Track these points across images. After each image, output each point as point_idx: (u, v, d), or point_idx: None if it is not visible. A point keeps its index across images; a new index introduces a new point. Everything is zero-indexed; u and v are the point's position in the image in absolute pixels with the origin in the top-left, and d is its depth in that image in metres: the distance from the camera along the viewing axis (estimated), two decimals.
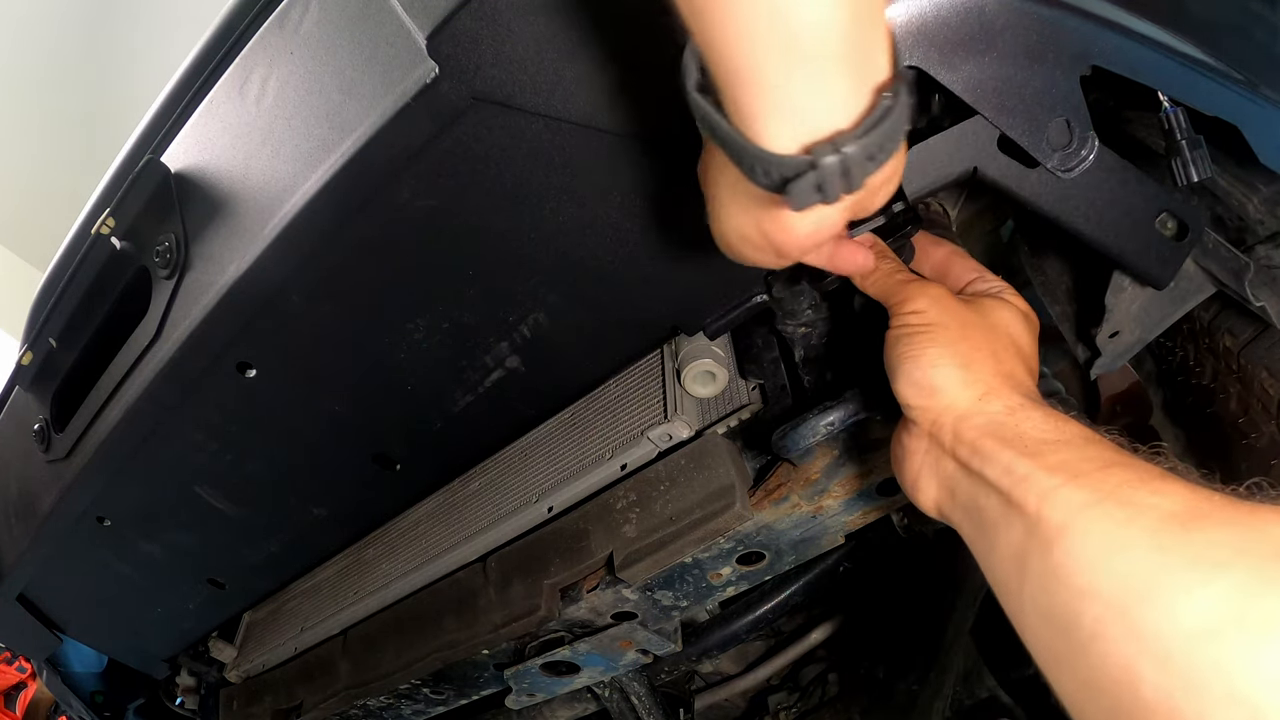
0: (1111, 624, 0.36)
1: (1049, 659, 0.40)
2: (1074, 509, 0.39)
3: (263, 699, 1.19)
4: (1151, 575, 0.35)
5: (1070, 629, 0.38)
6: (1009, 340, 0.53)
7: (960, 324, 0.52)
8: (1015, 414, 0.46)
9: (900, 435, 0.53)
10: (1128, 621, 0.35)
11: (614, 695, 1.04)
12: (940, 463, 0.49)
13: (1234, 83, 0.54)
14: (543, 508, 0.90)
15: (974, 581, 1.00)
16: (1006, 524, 0.42)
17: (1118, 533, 0.37)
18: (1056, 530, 0.39)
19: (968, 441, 0.46)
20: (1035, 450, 0.43)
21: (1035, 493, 0.41)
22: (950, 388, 0.49)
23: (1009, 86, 0.54)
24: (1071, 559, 0.38)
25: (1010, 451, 0.43)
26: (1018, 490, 0.42)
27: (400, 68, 0.57)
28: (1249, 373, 0.70)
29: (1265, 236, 0.62)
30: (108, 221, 0.79)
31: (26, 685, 2.95)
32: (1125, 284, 0.67)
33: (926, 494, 0.50)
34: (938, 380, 0.49)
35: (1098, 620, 0.36)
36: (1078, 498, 0.39)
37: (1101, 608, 0.36)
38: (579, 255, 0.68)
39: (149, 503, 1.02)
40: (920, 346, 0.51)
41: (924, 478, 0.50)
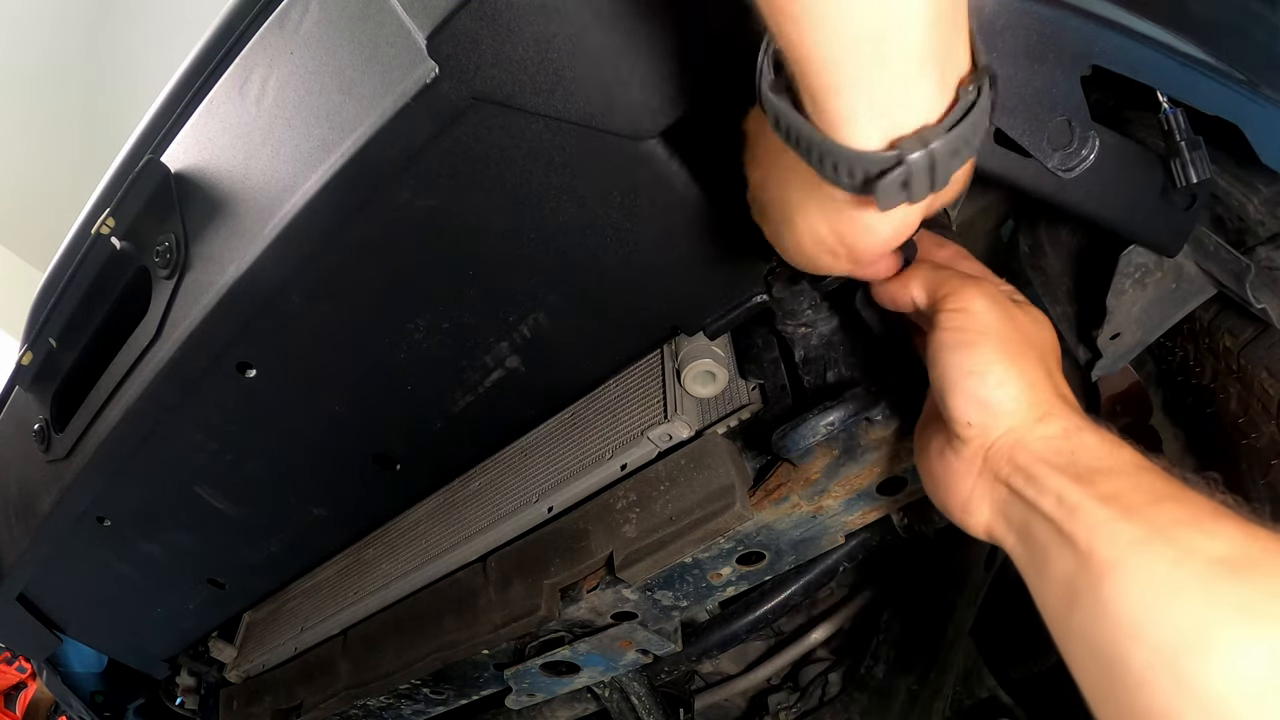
0: (1159, 672, 0.36)
1: (1094, 695, 0.40)
2: (1124, 545, 0.39)
3: (263, 699, 1.19)
4: (1201, 625, 0.35)
5: (1117, 670, 0.38)
6: (1052, 351, 0.51)
7: (1018, 335, 0.49)
8: (1071, 438, 0.44)
9: (945, 454, 0.50)
10: (1175, 671, 0.35)
11: (614, 695, 1.04)
12: (994, 487, 0.47)
13: (1234, 83, 0.54)
14: (543, 508, 0.90)
15: (974, 581, 1.00)
16: (1057, 553, 0.42)
17: (1168, 575, 0.37)
18: (1107, 566, 0.39)
19: (1022, 467, 0.45)
20: (1088, 478, 0.42)
21: (1087, 525, 0.40)
22: (1015, 409, 0.46)
23: (1009, 86, 0.54)
24: (1121, 598, 0.38)
25: (1063, 478, 0.42)
26: (1069, 521, 0.41)
27: (400, 68, 0.56)
28: (1249, 373, 0.70)
29: (1266, 238, 0.62)
30: (108, 221, 0.79)
31: (26, 685, 2.95)
32: (1126, 286, 0.67)
33: (977, 518, 0.48)
34: (1005, 402, 0.46)
35: (1145, 666, 0.36)
36: (1129, 533, 0.39)
37: (1149, 653, 0.36)
38: (579, 255, 0.68)
39: (149, 503, 1.02)
40: (983, 360, 0.47)
41: (975, 500, 0.48)
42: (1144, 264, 0.66)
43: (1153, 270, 0.66)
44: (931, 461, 0.52)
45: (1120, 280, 0.66)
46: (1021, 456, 0.45)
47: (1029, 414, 0.46)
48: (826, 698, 1.08)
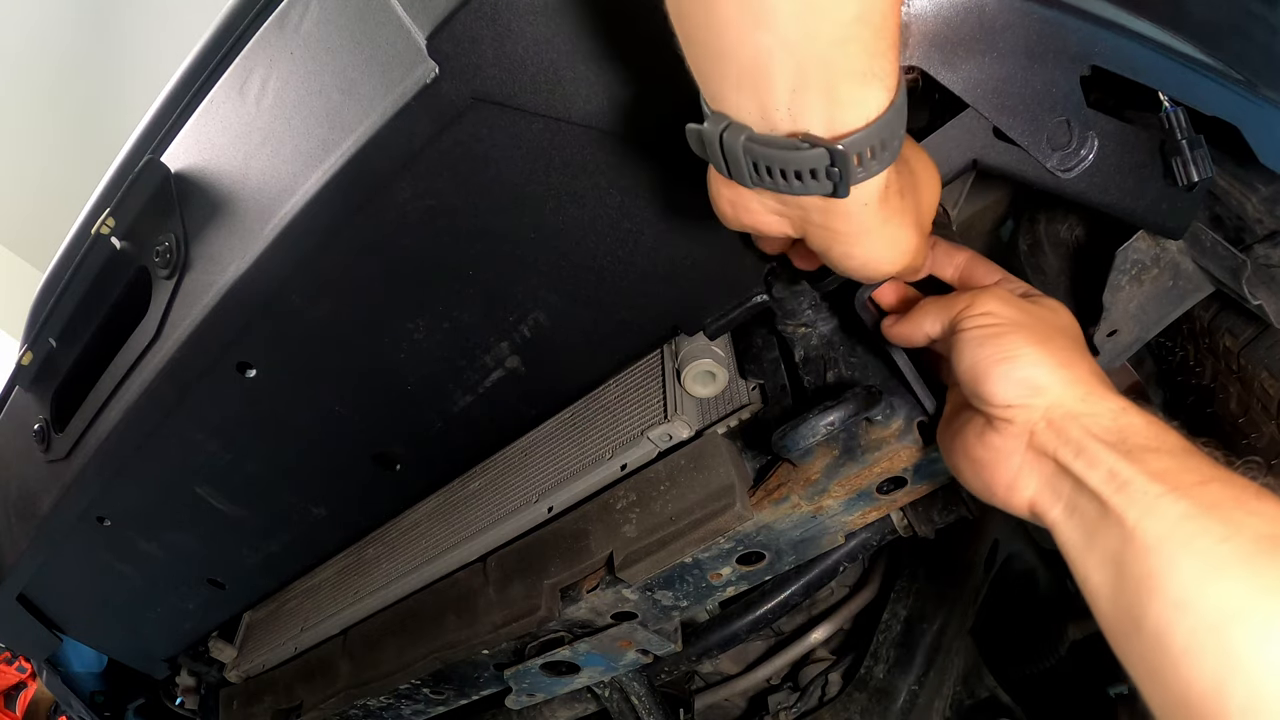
0: (1206, 643, 0.37)
1: (1141, 670, 0.41)
2: (1174, 521, 0.40)
3: (263, 699, 1.19)
4: (1247, 598, 0.37)
5: (1164, 642, 0.39)
6: (1076, 336, 0.53)
7: (1042, 323, 0.51)
8: (1119, 418, 0.45)
9: (985, 437, 0.51)
10: (1222, 643, 0.37)
11: (614, 695, 1.04)
12: (1040, 461, 0.48)
13: (1234, 83, 0.54)
14: (543, 508, 0.90)
15: (974, 581, 1.00)
16: (1106, 528, 0.43)
17: (1215, 550, 0.38)
18: (1156, 540, 0.40)
19: (1073, 441, 0.46)
20: (1139, 455, 0.43)
21: (1137, 500, 0.41)
22: (1053, 385, 0.47)
23: (1009, 86, 0.54)
24: (1170, 573, 0.39)
25: (1114, 454, 0.43)
26: (1120, 495, 0.42)
27: (400, 68, 0.57)
28: (1249, 373, 0.70)
29: (1263, 235, 0.62)
30: (108, 221, 0.79)
31: (26, 685, 2.95)
32: (1123, 283, 0.67)
33: (1023, 495, 0.49)
34: (1041, 379, 0.48)
35: (1192, 636, 0.38)
36: (1178, 509, 0.40)
37: (1196, 622, 0.38)
38: (579, 255, 0.68)
39: (149, 503, 1.02)
40: (1013, 346, 0.49)
41: (1022, 477, 0.49)
42: (1140, 260, 0.66)
43: (1149, 267, 0.66)
44: (970, 448, 0.52)
45: (1117, 276, 0.66)
46: (1072, 430, 0.46)
47: (1069, 390, 0.47)
48: (826, 698, 1.08)
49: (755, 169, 0.43)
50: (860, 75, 0.40)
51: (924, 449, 0.68)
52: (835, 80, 0.39)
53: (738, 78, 0.41)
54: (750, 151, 0.43)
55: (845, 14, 0.37)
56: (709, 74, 0.42)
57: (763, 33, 0.38)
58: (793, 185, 0.43)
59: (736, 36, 0.38)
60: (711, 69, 0.42)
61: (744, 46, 0.39)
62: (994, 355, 0.49)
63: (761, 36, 0.38)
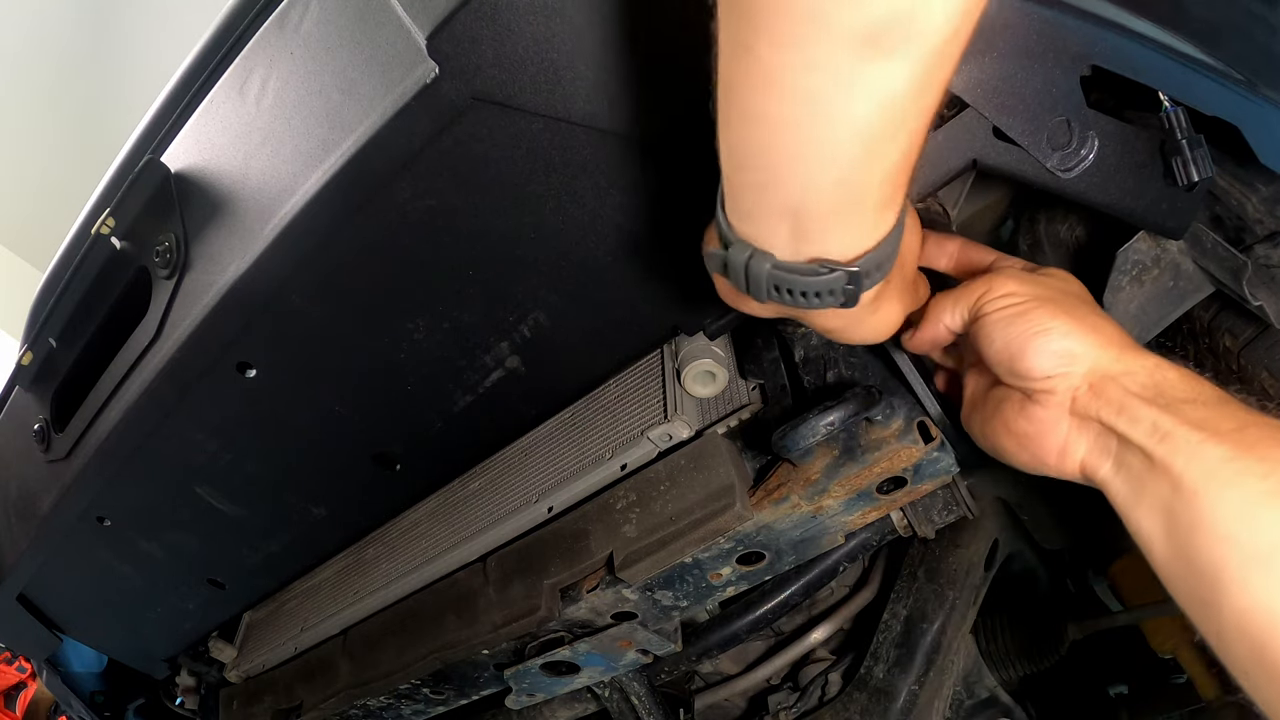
0: (1256, 571, 0.40)
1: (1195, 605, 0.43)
2: (1216, 463, 0.42)
3: (263, 699, 1.19)
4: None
5: (1216, 574, 0.41)
6: (1094, 303, 0.55)
7: (1060, 294, 0.53)
8: (1154, 373, 0.47)
9: (1027, 411, 0.52)
10: (1271, 570, 0.39)
11: (614, 695, 1.04)
12: (1085, 425, 0.49)
13: (1234, 83, 0.54)
14: (543, 508, 0.90)
15: (974, 581, 1.00)
16: (1153, 479, 0.45)
17: (1258, 486, 0.41)
18: (1202, 483, 0.42)
19: (1114, 400, 0.47)
20: (1177, 408, 0.45)
21: (1181, 448, 0.43)
22: (1088, 351, 0.49)
23: (1009, 86, 0.54)
24: (1217, 510, 0.41)
25: (1154, 409, 0.45)
26: (1163, 446, 0.44)
27: (400, 68, 0.57)
28: (1249, 373, 0.70)
29: (1264, 236, 0.62)
30: (108, 221, 0.79)
31: (26, 685, 2.95)
32: (1123, 283, 0.67)
33: (1074, 459, 0.51)
34: (1076, 347, 0.50)
35: (1242, 566, 0.40)
36: (1219, 452, 0.42)
37: (1245, 556, 0.40)
38: (579, 255, 0.68)
39: (149, 503, 1.02)
40: (1043, 320, 0.50)
41: (1071, 443, 0.51)
42: (1140, 261, 0.66)
43: (1149, 267, 0.66)
44: (1013, 424, 0.53)
45: (1117, 277, 0.66)
46: (1111, 390, 0.48)
47: (1104, 354, 0.49)
48: (826, 698, 1.08)
49: (775, 289, 0.46)
50: (885, 205, 0.44)
51: (924, 449, 0.68)
52: (864, 212, 0.43)
53: (779, 211, 0.43)
54: (774, 278, 0.46)
55: (896, 155, 0.40)
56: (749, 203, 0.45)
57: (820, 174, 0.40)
58: (810, 302, 0.46)
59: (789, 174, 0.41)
60: (754, 199, 0.44)
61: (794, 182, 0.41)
62: (1027, 331, 0.51)
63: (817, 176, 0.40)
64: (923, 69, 0.37)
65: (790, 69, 0.37)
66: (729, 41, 0.39)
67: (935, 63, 0.37)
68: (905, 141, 0.40)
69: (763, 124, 0.40)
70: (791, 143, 0.40)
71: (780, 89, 0.38)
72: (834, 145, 0.39)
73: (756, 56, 0.38)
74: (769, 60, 0.37)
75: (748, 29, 0.37)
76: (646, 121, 0.58)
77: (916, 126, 0.40)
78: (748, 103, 0.40)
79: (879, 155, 0.40)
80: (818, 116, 0.38)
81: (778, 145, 0.40)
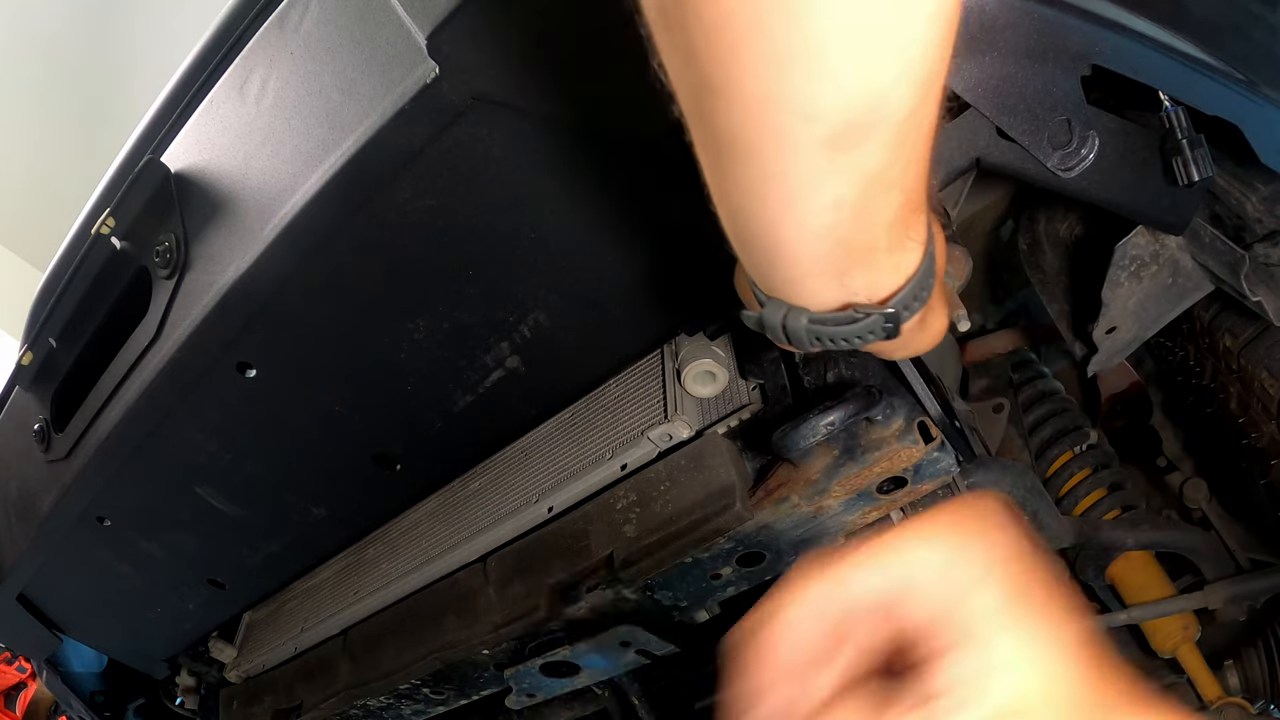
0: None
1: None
2: None
3: (263, 699, 1.19)
4: None
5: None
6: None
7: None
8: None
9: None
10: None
11: (614, 695, 1.04)
12: None
13: (1234, 82, 0.54)
14: (543, 508, 0.90)
15: None
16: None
17: None
18: None
19: None
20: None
21: None
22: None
23: (1010, 86, 0.54)
24: None
25: None
26: None
27: (400, 68, 0.57)
28: (1249, 373, 0.70)
29: (1263, 235, 0.62)
30: (108, 221, 0.79)
31: (26, 685, 2.95)
32: (1122, 278, 0.67)
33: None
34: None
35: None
36: None
37: None
38: (579, 255, 0.68)
39: (149, 503, 1.02)
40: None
41: None
42: (1139, 256, 0.66)
43: (1148, 263, 0.66)
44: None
45: (1115, 273, 0.66)
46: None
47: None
48: None
49: (817, 340, 0.47)
50: (899, 247, 0.44)
51: (924, 449, 0.68)
52: (879, 258, 0.44)
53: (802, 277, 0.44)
54: (812, 331, 0.47)
55: (893, 206, 0.41)
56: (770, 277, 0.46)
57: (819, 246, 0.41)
58: (854, 344, 0.47)
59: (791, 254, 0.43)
60: (768, 274, 0.46)
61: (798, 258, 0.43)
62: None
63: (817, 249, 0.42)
64: (894, 143, 0.37)
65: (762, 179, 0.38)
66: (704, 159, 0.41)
67: (906, 134, 0.37)
68: (899, 194, 0.41)
69: (752, 220, 0.42)
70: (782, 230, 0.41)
71: (758, 195, 0.40)
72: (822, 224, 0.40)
73: (729, 172, 0.40)
74: (741, 173, 0.39)
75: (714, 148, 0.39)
76: (646, 121, 0.58)
77: (909, 178, 0.40)
78: (734, 204, 0.42)
79: (874, 213, 0.41)
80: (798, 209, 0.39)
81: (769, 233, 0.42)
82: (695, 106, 0.38)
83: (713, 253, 0.60)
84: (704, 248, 0.66)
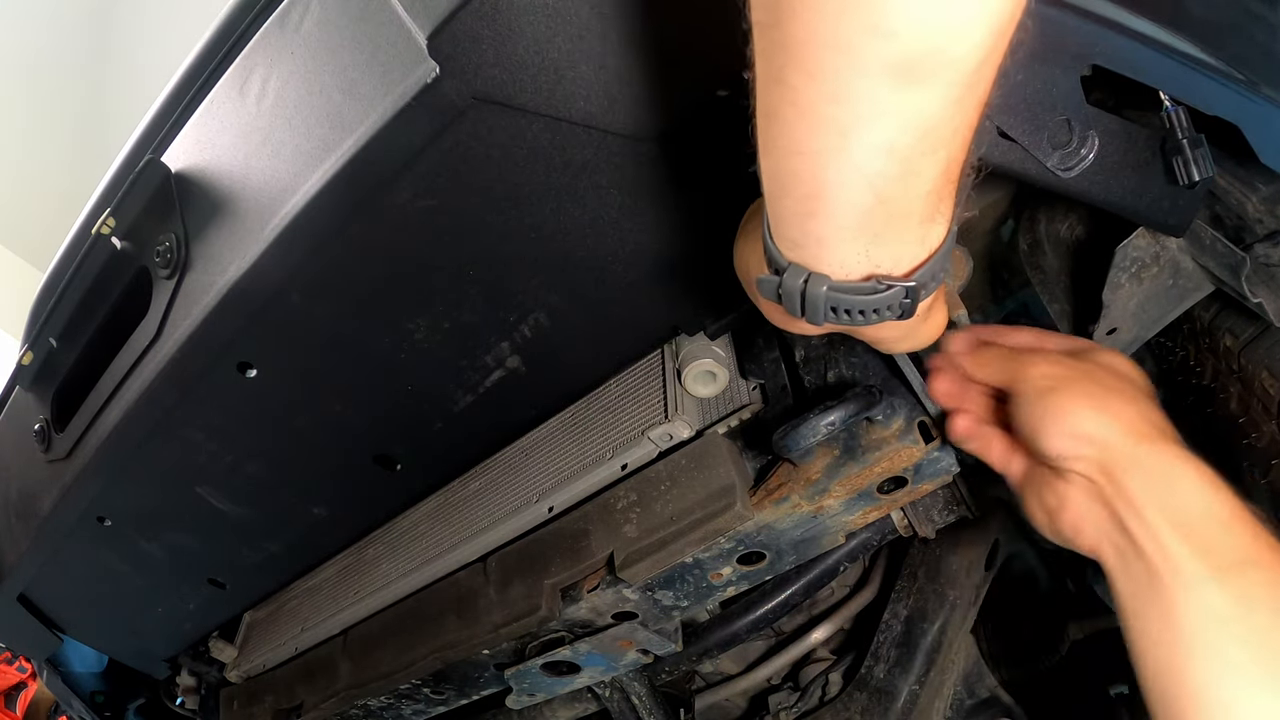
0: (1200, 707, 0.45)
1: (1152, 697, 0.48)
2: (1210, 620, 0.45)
3: (263, 699, 1.19)
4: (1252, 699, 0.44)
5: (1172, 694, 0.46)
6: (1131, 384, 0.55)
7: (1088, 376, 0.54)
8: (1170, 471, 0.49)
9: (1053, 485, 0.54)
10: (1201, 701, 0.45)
11: (614, 695, 1.04)
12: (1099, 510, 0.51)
13: (1234, 82, 0.54)
14: (543, 507, 0.90)
15: (974, 581, 1.00)
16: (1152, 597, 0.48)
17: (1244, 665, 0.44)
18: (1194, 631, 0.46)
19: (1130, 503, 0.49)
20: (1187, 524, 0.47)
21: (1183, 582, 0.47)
22: (1106, 437, 0.51)
23: (1010, 85, 0.54)
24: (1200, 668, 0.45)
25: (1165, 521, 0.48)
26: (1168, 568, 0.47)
27: (401, 68, 0.57)
28: (1249, 373, 0.70)
29: (1264, 235, 0.62)
30: (108, 221, 0.79)
31: (27, 685, 2.95)
32: (1123, 280, 0.67)
33: (1086, 537, 0.53)
34: (1092, 429, 0.51)
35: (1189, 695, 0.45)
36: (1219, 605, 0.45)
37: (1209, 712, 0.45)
38: (580, 255, 0.68)
39: (149, 503, 1.02)
40: (1064, 402, 0.53)
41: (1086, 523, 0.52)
42: (1140, 258, 0.66)
43: (1149, 265, 0.66)
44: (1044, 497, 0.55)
45: (1116, 274, 0.66)
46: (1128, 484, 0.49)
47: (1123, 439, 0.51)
48: (826, 698, 1.08)
49: (833, 311, 0.47)
50: (930, 218, 0.44)
51: (924, 449, 0.68)
52: (910, 228, 0.44)
53: (834, 234, 0.43)
54: (831, 299, 0.46)
55: (936, 171, 0.40)
56: (801, 230, 0.45)
57: (861, 196, 0.41)
58: (868, 319, 0.47)
59: (831, 199, 0.41)
60: (800, 225, 0.45)
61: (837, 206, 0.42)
62: (1047, 411, 0.53)
63: (858, 199, 0.41)
64: (956, 94, 0.37)
65: (823, 99, 0.37)
66: (764, 71, 0.39)
67: (969, 87, 0.37)
68: (945, 157, 0.40)
69: (800, 154, 0.40)
70: (830, 169, 0.40)
71: (814, 119, 0.38)
72: (871, 169, 0.39)
73: (790, 86, 0.38)
74: (802, 91, 0.38)
75: (781, 60, 0.37)
76: (647, 121, 0.58)
77: (956, 143, 0.40)
78: (784, 133, 0.40)
79: (918, 174, 0.40)
80: (852, 143, 0.38)
81: (816, 172, 0.41)
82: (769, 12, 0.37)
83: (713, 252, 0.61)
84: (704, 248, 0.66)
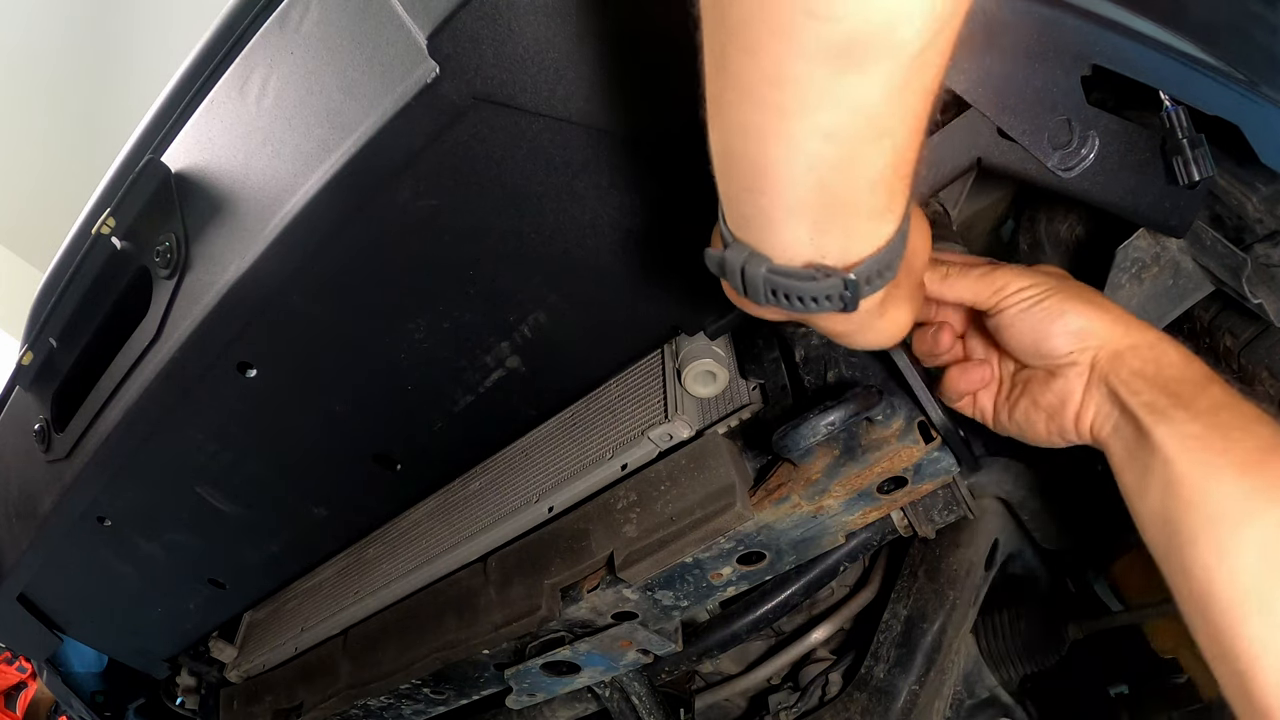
0: (1203, 531, 0.48)
1: (1160, 553, 0.52)
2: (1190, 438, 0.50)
3: (263, 699, 1.19)
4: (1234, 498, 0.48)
5: (1176, 531, 0.50)
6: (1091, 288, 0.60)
7: (1064, 282, 0.59)
8: (1154, 348, 0.55)
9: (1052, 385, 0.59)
10: (1213, 531, 0.48)
11: (614, 695, 1.04)
12: (1098, 389, 0.57)
13: (1234, 82, 0.54)
14: (543, 507, 0.90)
15: (974, 581, 1.00)
16: (1140, 445, 0.53)
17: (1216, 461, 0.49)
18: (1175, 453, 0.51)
19: (1123, 378, 0.55)
20: (1169, 385, 0.53)
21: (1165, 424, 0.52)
22: (1101, 329, 0.56)
23: (1010, 85, 0.54)
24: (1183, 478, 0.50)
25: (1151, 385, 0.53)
26: (1152, 418, 0.52)
27: (401, 68, 0.57)
28: (1249, 373, 0.70)
29: (1264, 235, 0.62)
30: (108, 221, 0.79)
31: (27, 685, 2.95)
32: (1123, 280, 0.67)
33: (1085, 422, 0.58)
34: (1091, 325, 0.56)
35: (1194, 528, 0.49)
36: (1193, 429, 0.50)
37: (1198, 518, 0.49)
38: (580, 255, 0.68)
39: (149, 503, 1.02)
40: (1060, 305, 0.57)
41: (1086, 406, 0.57)
42: (1140, 258, 0.66)
43: (1149, 265, 0.67)
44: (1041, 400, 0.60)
45: (1117, 274, 0.66)
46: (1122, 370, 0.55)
47: (1113, 329, 0.56)
48: (826, 698, 1.08)
49: (772, 293, 0.47)
50: (880, 212, 0.44)
51: (924, 449, 0.68)
52: (857, 219, 0.44)
53: (777, 217, 0.44)
54: (770, 281, 0.46)
55: (881, 161, 0.41)
56: (746, 209, 0.45)
57: (802, 179, 0.41)
58: (808, 307, 0.47)
59: (772, 180, 0.42)
60: (743, 205, 0.45)
61: (778, 188, 0.42)
62: (1044, 315, 0.57)
63: (799, 182, 0.41)
64: (898, 81, 0.37)
65: (763, 82, 0.38)
66: (709, 53, 0.40)
67: (912, 74, 0.37)
68: (889, 146, 0.40)
69: (743, 133, 0.41)
70: (770, 150, 0.40)
71: (755, 99, 0.39)
72: (811, 152, 0.39)
73: (733, 68, 0.39)
74: (744, 72, 0.38)
75: (724, 41, 0.38)
76: (647, 121, 0.58)
77: (902, 133, 0.40)
78: (728, 113, 0.41)
79: (861, 160, 0.40)
80: (793, 126, 0.39)
81: (758, 153, 0.41)
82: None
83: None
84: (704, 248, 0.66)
